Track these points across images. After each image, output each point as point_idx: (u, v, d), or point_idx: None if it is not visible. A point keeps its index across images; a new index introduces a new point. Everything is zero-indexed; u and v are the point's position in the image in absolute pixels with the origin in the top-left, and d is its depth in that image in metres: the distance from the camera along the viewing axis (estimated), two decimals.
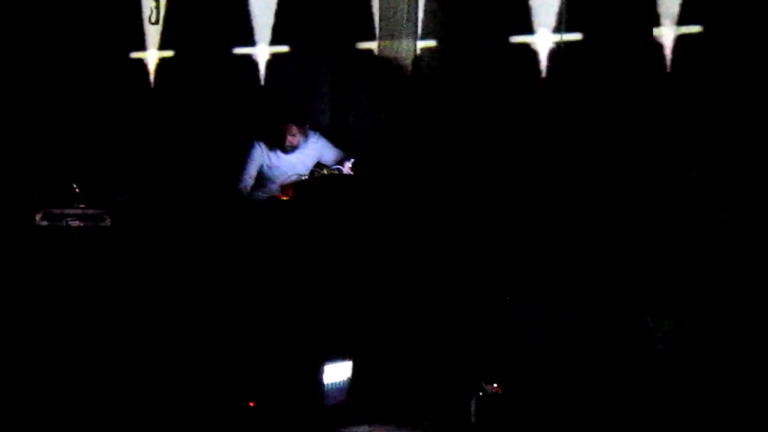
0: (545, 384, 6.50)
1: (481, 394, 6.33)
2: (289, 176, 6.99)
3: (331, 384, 6.60)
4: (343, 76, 7.63)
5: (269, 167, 7.15)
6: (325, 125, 7.49)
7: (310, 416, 6.27)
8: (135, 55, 8.20)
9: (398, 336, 7.01)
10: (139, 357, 6.41)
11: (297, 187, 6.85)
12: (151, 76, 8.20)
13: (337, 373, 6.68)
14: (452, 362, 6.74)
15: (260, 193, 7.19)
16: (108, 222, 6.94)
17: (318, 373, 6.37)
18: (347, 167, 7.05)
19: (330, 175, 6.96)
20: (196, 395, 6.15)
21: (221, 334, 6.46)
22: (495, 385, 6.34)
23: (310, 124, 7.17)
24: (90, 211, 6.95)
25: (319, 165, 7.15)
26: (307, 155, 7.16)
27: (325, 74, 7.68)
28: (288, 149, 7.09)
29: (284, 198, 6.89)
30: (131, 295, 6.74)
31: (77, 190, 7.02)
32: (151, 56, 8.18)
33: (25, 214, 6.93)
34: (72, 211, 6.94)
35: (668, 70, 7.02)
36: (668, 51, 7.02)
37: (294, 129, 7.03)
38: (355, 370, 6.78)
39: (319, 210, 6.78)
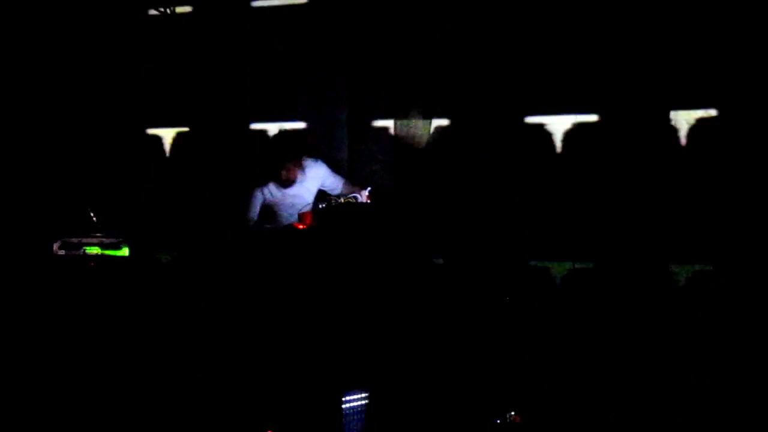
0: (564, 413, 6.45)
1: (499, 422, 6.30)
2: (295, 206, 7.05)
3: (351, 414, 6.52)
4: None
5: (273, 203, 7.18)
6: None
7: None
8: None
9: (417, 365, 6.93)
10: (160, 384, 6.41)
11: (315, 215, 6.85)
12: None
13: (356, 403, 6.57)
14: (470, 391, 6.66)
15: (269, 225, 7.20)
16: (126, 251, 6.93)
17: (338, 403, 6.30)
18: (365, 195, 7.02)
19: (348, 203, 6.93)
20: (218, 423, 6.15)
21: (242, 363, 6.45)
22: (513, 413, 6.30)
23: (306, 155, 7.24)
24: (107, 240, 6.95)
25: (328, 194, 7.19)
26: (308, 185, 7.19)
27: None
28: (287, 184, 7.12)
29: (301, 227, 6.88)
30: (154, 323, 6.75)
31: (95, 218, 7.01)
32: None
33: (43, 244, 6.94)
34: (89, 240, 6.94)
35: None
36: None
37: (290, 165, 7.07)
38: (374, 400, 6.68)
39: (339, 237, 6.79)
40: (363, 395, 6.62)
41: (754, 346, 6.78)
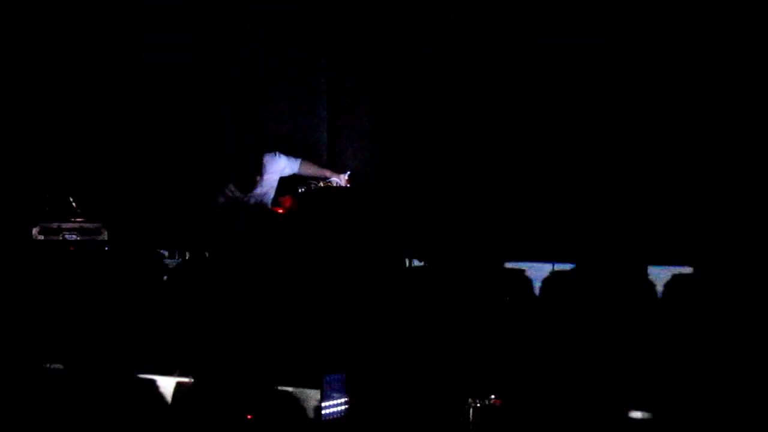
0: (544, 397, 6.48)
1: (479, 405, 6.32)
2: (258, 199, 7.18)
3: (331, 396, 6.53)
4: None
5: (237, 198, 7.26)
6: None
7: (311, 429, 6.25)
8: None
9: (398, 348, 7.00)
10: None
11: (294, 199, 6.98)
12: None
13: (336, 385, 6.59)
14: (453, 376, 6.72)
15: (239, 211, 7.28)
16: (105, 236, 6.98)
17: (319, 384, 6.31)
18: (344, 179, 7.17)
19: (327, 187, 7.07)
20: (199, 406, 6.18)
21: (223, 346, 6.49)
22: (493, 396, 6.31)
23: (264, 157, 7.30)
24: (87, 225, 6.99)
25: (301, 178, 7.30)
26: (269, 180, 7.25)
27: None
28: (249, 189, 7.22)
29: (281, 211, 7.03)
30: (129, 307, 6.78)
31: (74, 204, 7.05)
32: None
33: (22, 229, 6.98)
34: (69, 225, 6.97)
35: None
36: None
37: (253, 179, 7.16)
38: (355, 382, 6.72)
39: (319, 220, 6.94)
40: (343, 377, 6.64)
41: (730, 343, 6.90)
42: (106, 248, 7.05)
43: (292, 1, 8.01)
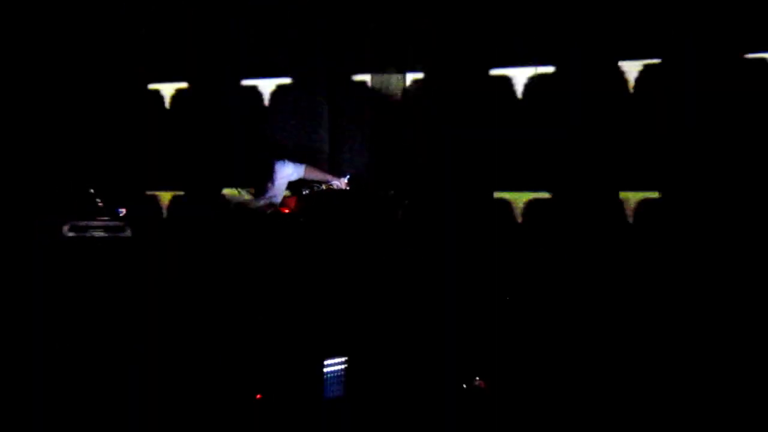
0: (525, 380, 6.90)
1: (466, 387, 6.73)
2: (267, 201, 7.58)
3: (330, 378, 6.86)
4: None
5: (247, 201, 7.66)
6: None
7: (312, 407, 6.61)
8: (153, 86, 8.81)
9: (391, 334, 7.27)
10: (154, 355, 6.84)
11: (299, 200, 7.37)
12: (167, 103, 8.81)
13: (335, 368, 6.89)
14: (439, 359, 7.02)
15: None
16: (128, 233, 7.44)
17: (319, 369, 6.72)
18: (343, 183, 7.55)
19: (329, 190, 7.47)
20: (211, 389, 6.54)
21: (233, 335, 6.83)
22: (478, 379, 6.75)
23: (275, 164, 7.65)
24: (112, 223, 7.48)
25: (306, 182, 7.67)
26: (278, 187, 7.62)
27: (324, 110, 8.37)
28: (263, 193, 7.61)
29: (286, 211, 7.40)
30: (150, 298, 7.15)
31: (100, 204, 7.55)
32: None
33: (54, 226, 7.40)
34: (95, 223, 7.46)
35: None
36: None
37: (267, 184, 7.55)
38: (351, 365, 6.99)
39: (321, 219, 7.32)
40: (342, 361, 6.94)
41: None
42: (129, 243, 7.49)
43: (297, 32, 8.48)
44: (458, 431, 6.62)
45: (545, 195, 7.86)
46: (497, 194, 8.00)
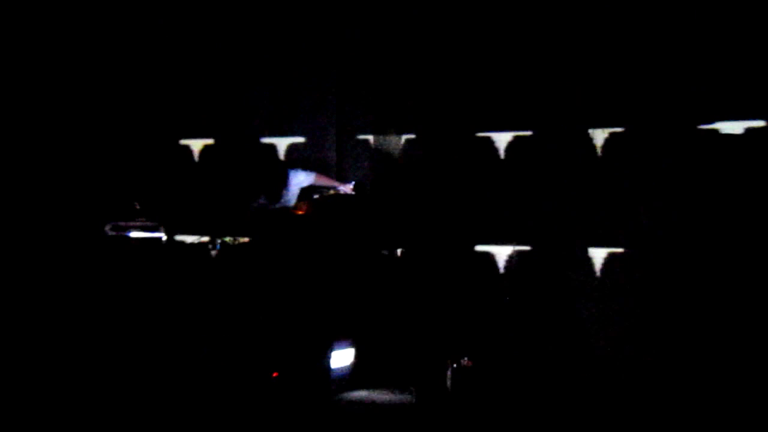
0: (507, 360, 7.38)
1: (455, 366, 7.20)
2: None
3: (337, 359, 7.46)
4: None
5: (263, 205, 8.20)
6: None
7: (321, 384, 7.08)
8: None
9: (391, 322, 7.97)
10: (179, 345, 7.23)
11: (310, 204, 7.94)
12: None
13: (342, 351, 7.54)
14: (432, 342, 7.61)
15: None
16: (162, 232, 7.97)
17: (328, 351, 7.23)
18: (349, 188, 8.11)
19: (336, 194, 8.07)
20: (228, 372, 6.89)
21: (249, 324, 7.11)
22: (466, 359, 7.21)
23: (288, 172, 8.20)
24: (148, 224, 7.97)
25: (315, 188, 8.23)
26: (291, 193, 8.13)
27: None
28: (278, 200, 8.15)
29: (300, 212, 7.96)
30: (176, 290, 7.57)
31: (138, 207, 8.04)
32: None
33: (97, 226, 7.91)
34: (134, 224, 7.94)
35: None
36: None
37: (282, 191, 8.07)
38: (357, 348, 7.67)
39: (329, 219, 7.88)
40: (348, 344, 7.61)
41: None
42: (163, 242, 7.97)
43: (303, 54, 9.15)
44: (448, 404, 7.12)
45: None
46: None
